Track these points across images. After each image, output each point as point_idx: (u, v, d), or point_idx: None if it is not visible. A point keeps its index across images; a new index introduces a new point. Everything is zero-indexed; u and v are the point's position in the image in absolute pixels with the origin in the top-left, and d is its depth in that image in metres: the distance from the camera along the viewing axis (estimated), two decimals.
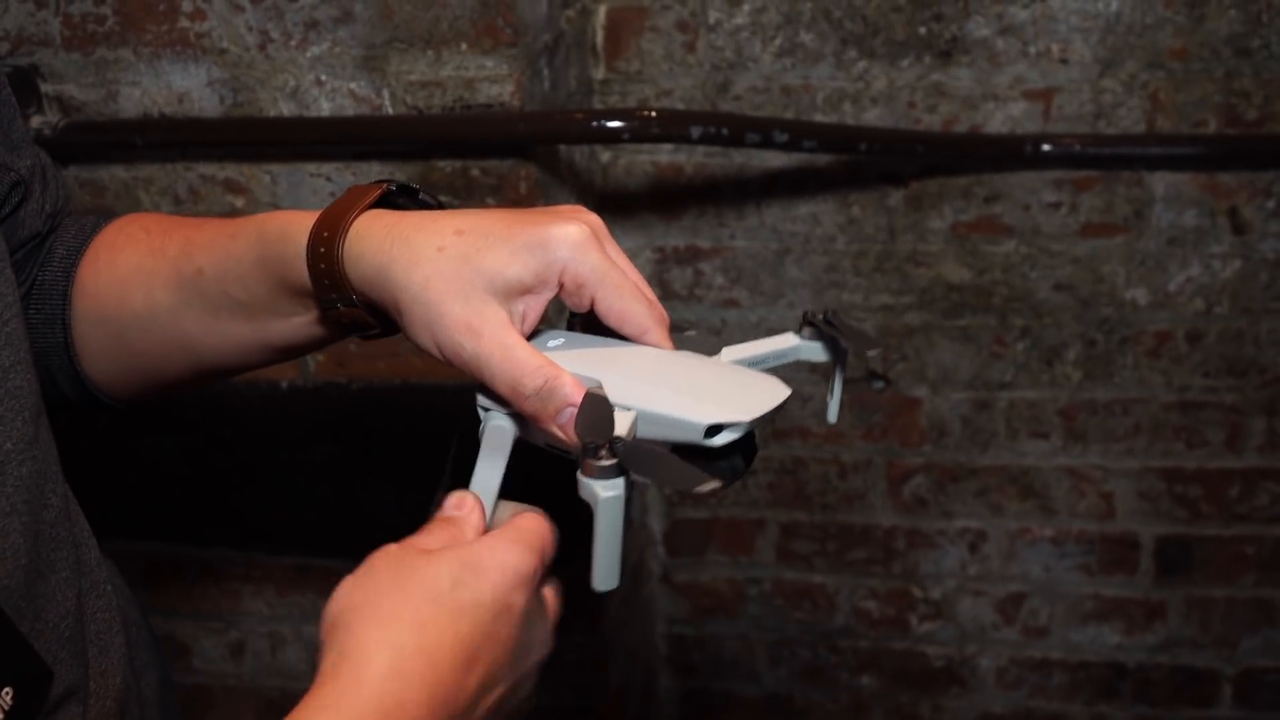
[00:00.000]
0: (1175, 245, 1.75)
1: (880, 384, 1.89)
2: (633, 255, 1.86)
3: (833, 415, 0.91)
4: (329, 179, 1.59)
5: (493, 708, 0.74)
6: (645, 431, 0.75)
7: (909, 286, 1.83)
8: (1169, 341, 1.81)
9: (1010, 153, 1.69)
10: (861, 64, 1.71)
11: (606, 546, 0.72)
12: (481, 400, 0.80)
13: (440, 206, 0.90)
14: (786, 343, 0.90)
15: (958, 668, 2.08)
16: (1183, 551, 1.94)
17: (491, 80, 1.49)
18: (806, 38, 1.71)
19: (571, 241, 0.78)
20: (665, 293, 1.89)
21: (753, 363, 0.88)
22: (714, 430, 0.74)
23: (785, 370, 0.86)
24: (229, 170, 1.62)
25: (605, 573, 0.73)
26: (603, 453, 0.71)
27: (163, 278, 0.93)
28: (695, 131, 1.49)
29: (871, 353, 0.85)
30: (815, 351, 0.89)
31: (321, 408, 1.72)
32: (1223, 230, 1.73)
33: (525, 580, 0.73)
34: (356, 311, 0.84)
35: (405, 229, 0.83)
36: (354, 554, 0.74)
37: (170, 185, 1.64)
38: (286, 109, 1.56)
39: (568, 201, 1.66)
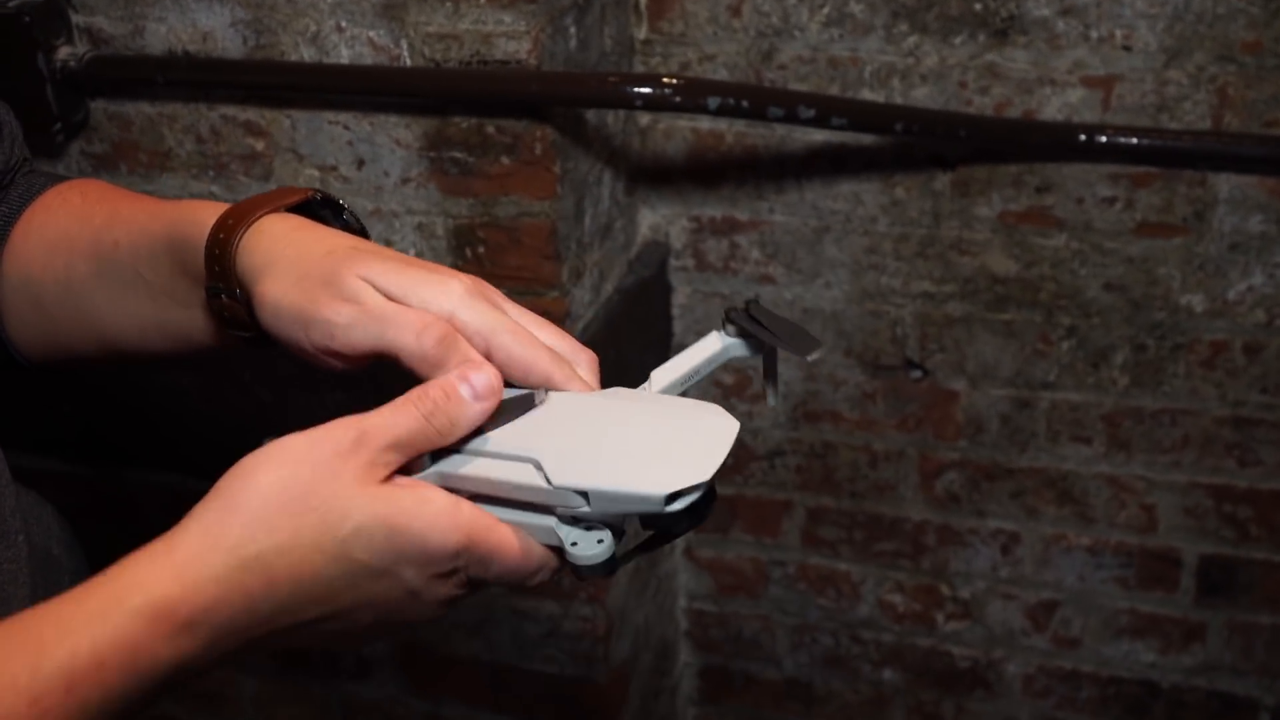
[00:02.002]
0: (1237, 251, 1.64)
1: (918, 373, 1.81)
2: (668, 223, 1.81)
3: (772, 400, 0.88)
4: (347, 127, 1.56)
5: (313, 632, 0.72)
6: (601, 507, 0.71)
7: (952, 275, 1.75)
8: (1225, 352, 1.70)
9: (1062, 141, 1.59)
10: (912, 39, 1.62)
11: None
12: None
13: (361, 230, 0.87)
14: (713, 346, 0.85)
15: (984, 671, 2.00)
16: (1227, 573, 1.84)
17: (509, 36, 1.44)
18: (856, 8, 1.62)
19: (458, 291, 0.76)
20: (700, 264, 1.83)
21: (688, 379, 0.83)
22: (673, 497, 0.69)
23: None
24: (250, 113, 1.60)
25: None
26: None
27: (83, 245, 0.92)
28: (713, 103, 1.43)
29: (812, 357, 0.79)
30: (744, 348, 0.84)
31: None
32: None
33: (430, 562, 0.70)
34: (237, 306, 0.81)
35: (305, 235, 0.80)
36: None
37: (193, 124, 1.62)
38: (307, 54, 1.53)
39: (591, 166, 1.61)
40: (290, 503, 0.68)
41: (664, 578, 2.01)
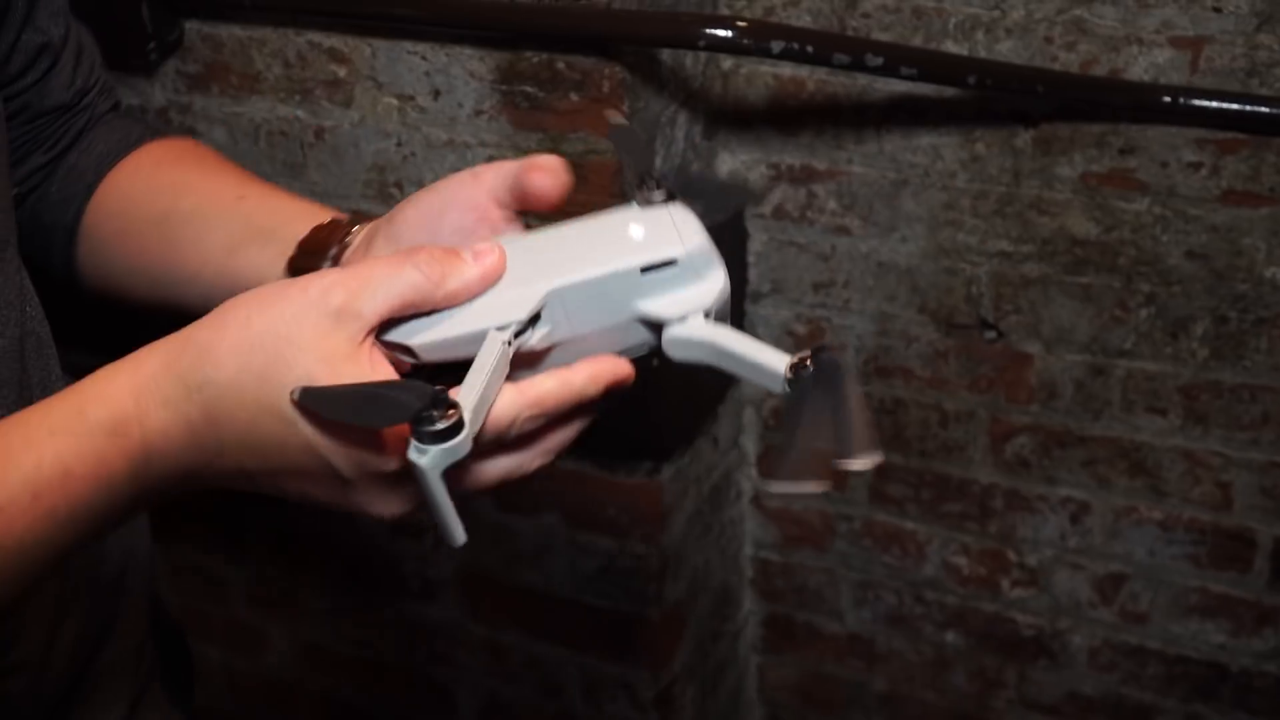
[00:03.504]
0: None
1: (992, 334, 1.79)
2: (747, 169, 1.81)
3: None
4: (424, 58, 1.59)
5: (258, 486, 0.71)
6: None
7: (1030, 235, 1.71)
8: None
9: (1144, 103, 1.55)
10: None
11: (434, 508, 0.67)
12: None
13: None
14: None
15: (1048, 640, 1.98)
16: None
17: None
18: None
19: None
20: (776, 211, 1.82)
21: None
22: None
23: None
24: (334, 39, 1.64)
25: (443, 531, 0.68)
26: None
27: (200, 192, 0.97)
28: (776, 46, 1.42)
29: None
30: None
31: None
32: None
33: (360, 459, 0.67)
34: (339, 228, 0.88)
35: None
36: None
37: (281, 49, 1.67)
38: None
39: (664, 106, 1.61)
40: (242, 340, 0.67)
41: (728, 524, 2.02)
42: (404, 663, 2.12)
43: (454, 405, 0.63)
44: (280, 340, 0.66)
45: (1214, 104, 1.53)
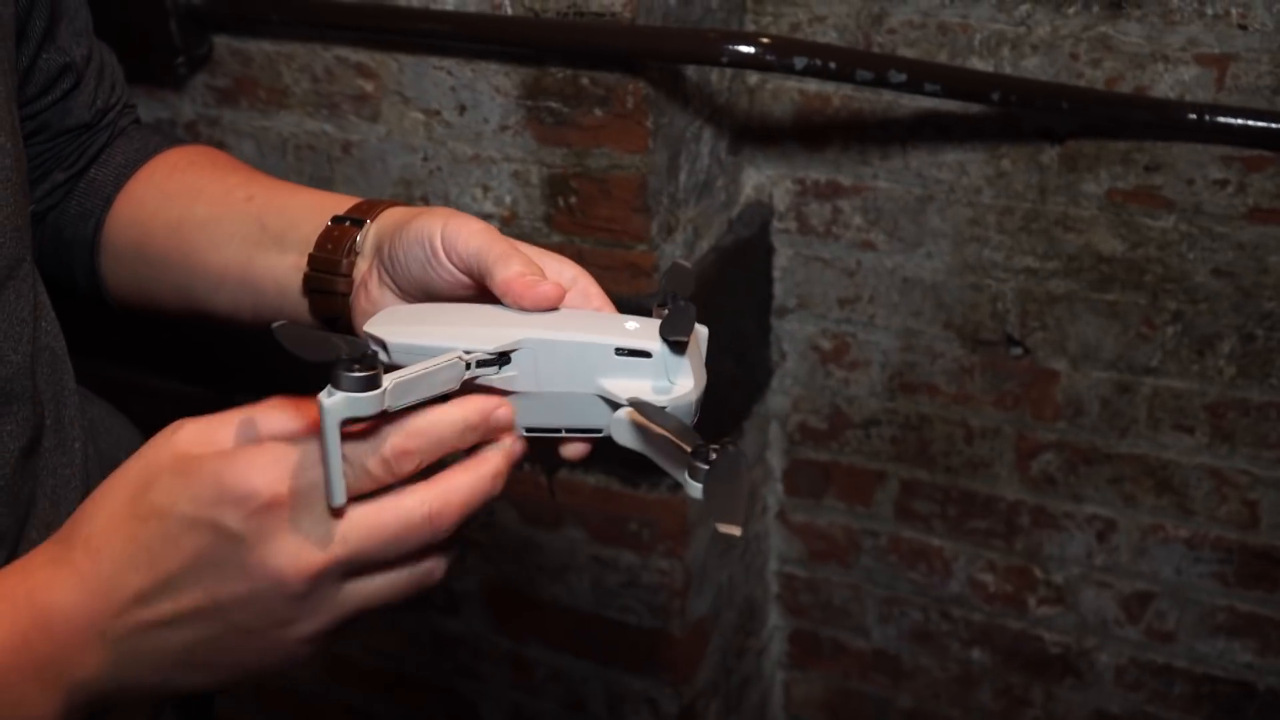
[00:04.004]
0: None
1: (1018, 350, 1.78)
2: (772, 184, 1.82)
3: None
4: (450, 73, 1.60)
5: (172, 624, 0.67)
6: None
7: (1056, 251, 1.71)
8: None
9: (1170, 120, 1.54)
10: (1024, 7, 1.59)
11: (324, 460, 0.65)
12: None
13: None
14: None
15: (1075, 659, 1.97)
16: None
17: None
18: None
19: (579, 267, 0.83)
20: (802, 227, 1.83)
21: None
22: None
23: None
24: (361, 55, 1.65)
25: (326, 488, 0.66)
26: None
27: (210, 196, 0.98)
28: (799, 63, 1.42)
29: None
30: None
31: None
32: None
33: (237, 500, 0.64)
34: (349, 232, 0.90)
35: None
36: None
37: (309, 63, 1.68)
38: None
39: (689, 122, 1.62)
40: (110, 487, 0.68)
41: (754, 539, 2.02)
42: (429, 675, 2.12)
43: (378, 368, 0.65)
44: (137, 468, 0.67)
45: (1240, 121, 1.53)
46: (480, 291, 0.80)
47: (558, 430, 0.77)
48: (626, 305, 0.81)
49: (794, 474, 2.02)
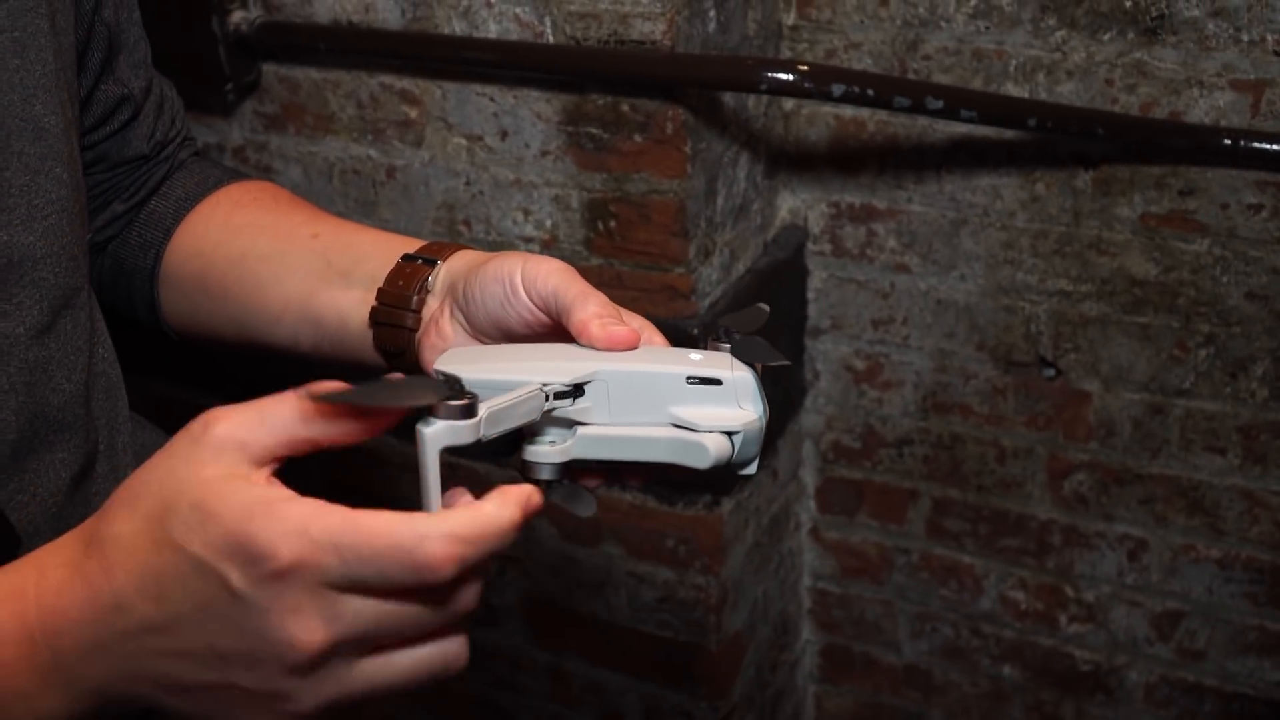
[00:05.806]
0: None
1: (1050, 372, 1.80)
2: (807, 208, 1.84)
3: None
4: (492, 99, 1.63)
5: (175, 659, 0.66)
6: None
7: (1089, 275, 1.73)
8: None
9: (1205, 146, 1.56)
10: (1060, 33, 1.61)
11: (422, 481, 0.67)
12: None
13: None
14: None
15: (1105, 676, 1.98)
16: None
17: (645, 17, 1.49)
18: (1004, 0, 1.62)
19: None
20: (837, 249, 1.85)
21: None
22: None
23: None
24: (406, 82, 1.68)
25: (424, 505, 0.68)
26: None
27: (274, 231, 1.01)
28: (837, 89, 1.45)
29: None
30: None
31: None
32: None
33: (249, 560, 0.62)
34: (420, 271, 0.94)
35: None
36: None
37: (354, 90, 1.72)
38: (459, 27, 1.61)
39: (726, 147, 1.65)
40: (133, 490, 0.66)
41: (787, 554, 2.04)
42: (468, 687, 2.15)
43: (475, 398, 0.67)
44: (166, 478, 0.65)
45: (1275, 147, 1.54)
46: (553, 331, 0.83)
47: (620, 462, 0.80)
48: (665, 327, 0.84)
49: (827, 491, 2.04)
